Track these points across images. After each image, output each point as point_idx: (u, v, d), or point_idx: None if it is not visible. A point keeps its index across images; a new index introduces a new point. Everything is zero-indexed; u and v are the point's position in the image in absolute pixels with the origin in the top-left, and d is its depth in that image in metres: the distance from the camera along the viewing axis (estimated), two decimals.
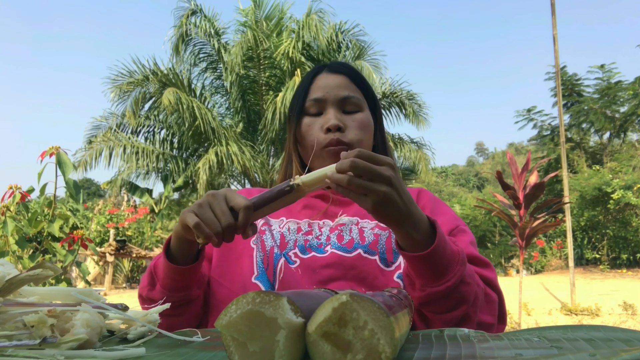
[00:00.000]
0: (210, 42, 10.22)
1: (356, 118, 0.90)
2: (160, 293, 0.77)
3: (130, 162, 10.01)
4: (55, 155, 2.05)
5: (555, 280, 10.76)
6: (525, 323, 5.28)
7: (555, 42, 7.58)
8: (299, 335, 0.36)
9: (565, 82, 17.85)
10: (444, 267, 0.68)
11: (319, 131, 0.90)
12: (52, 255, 2.23)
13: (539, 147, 20.32)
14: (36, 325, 0.44)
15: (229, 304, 0.37)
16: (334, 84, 0.92)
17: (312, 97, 0.92)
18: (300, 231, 0.87)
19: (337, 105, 0.90)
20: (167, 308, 0.67)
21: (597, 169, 14.89)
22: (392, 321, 0.34)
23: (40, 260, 2.00)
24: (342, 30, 10.18)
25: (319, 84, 0.93)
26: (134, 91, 9.88)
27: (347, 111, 0.91)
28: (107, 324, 0.53)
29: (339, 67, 0.95)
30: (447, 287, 0.68)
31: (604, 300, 6.86)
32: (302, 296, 0.40)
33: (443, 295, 0.69)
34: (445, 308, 0.70)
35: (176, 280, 0.76)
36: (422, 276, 0.69)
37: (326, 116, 0.90)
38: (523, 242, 4.52)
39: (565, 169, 7.24)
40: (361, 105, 0.92)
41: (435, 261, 0.67)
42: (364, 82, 0.96)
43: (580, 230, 13.93)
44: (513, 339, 0.47)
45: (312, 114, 0.92)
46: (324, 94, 0.91)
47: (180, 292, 0.77)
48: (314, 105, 0.92)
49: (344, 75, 0.93)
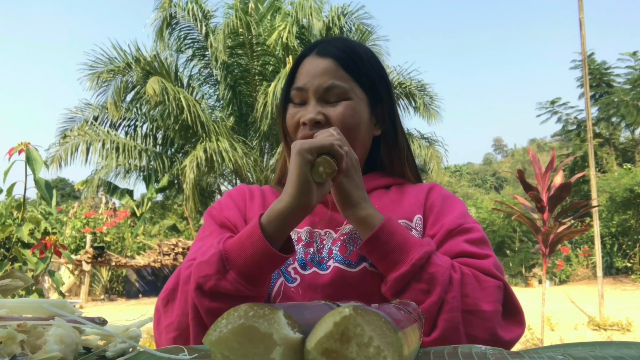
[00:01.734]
0: (197, 27, 10.20)
1: (338, 108, 0.88)
2: (232, 283, 0.71)
3: (110, 158, 9.99)
4: (24, 151, 2.04)
5: (582, 292, 10.76)
6: (549, 339, 5.29)
7: (581, 26, 7.58)
8: (296, 352, 0.35)
9: (593, 71, 17.84)
10: (404, 246, 0.74)
11: (296, 125, 0.90)
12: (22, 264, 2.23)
13: (563, 143, 20.33)
14: (4, 342, 0.44)
15: (219, 317, 0.37)
16: (317, 70, 0.90)
17: (295, 85, 0.92)
18: (300, 242, 0.87)
19: (318, 96, 0.89)
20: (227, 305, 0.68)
21: (628, 168, 14.89)
22: (400, 337, 0.34)
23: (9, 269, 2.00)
24: (345, 13, 10.18)
25: (303, 69, 0.92)
26: (114, 80, 9.86)
27: (328, 101, 0.90)
28: (83, 339, 0.53)
29: (328, 49, 0.92)
30: (412, 264, 0.72)
31: (636, 314, 6.85)
32: (300, 309, 0.40)
33: (410, 277, 0.72)
34: (419, 291, 0.72)
35: (262, 270, 0.72)
36: (387, 265, 0.75)
37: (307, 108, 0.89)
38: (546, 249, 4.52)
39: (593, 167, 7.25)
40: (347, 95, 0.89)
41: (390, 241, 0.73)
42: (356, 64, 0.92)
43: (610, 236, 13.93)
44: (535, 357, 0.47)
45: (296, 103, 0.92)
46: (305, 83, 0.90)
47: (259, 286, 0.74)
48: (297, 95, 0.91)
49: (332, 59, 0.90)
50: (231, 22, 9.44)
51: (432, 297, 0.71)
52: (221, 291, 0.71)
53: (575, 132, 19.16)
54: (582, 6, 7.56)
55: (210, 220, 0.92)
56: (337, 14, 10.07)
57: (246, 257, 0.71)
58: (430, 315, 0.71)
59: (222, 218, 0.91)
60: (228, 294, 0.71)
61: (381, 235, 0.74)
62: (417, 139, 11.09)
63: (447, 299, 0.71)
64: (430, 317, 0.71)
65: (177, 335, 0.77)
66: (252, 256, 0.70)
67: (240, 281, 0.71)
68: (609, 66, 18.21)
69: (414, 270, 0.72)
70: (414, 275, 0.72)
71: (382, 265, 0.76)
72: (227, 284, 0.71)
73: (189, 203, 9.37)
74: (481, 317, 0.73)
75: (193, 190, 9.25)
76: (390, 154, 0.97)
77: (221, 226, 0.90)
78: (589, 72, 9.67)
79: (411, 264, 0.72)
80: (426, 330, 0.72)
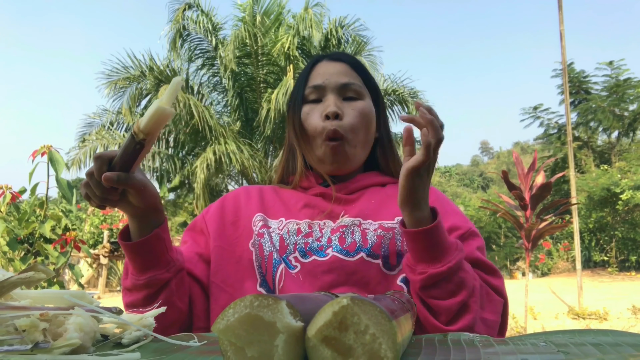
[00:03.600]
0: (207, 38, 10.20)
1: (356, 106, 0.90)
2: (131, 279, 0.79)
3: None
4: (47, 154, 2.04)
5: (562, 283, 10.76)
6: (532, 327, 5.28)
7: (562, 38, 7.58)
8: (298, 339, 0.35)
9: (573, 80, 17.84)
10: (445, 247, 0.73)
11: (317, 118, 0.90)
12: (44, 258, 2.23)
13: (545, 146, 20.30)
14: (28, 330, 0.44)
15: (226, 307, 0.37)
16: (334, 70, 0.92)
17: (311, 84, 0.92)
18: (300, 233, 0.86)
19: (336, 92, 0.90)
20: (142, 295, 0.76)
21: (605, 169, 14.89)
22: (394, 325, 0.34)
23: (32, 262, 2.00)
24: (342, 25, 10.18)
25: (318, 71, 0.93)
26: (129, 87, 9.86)
27: (347, 98, 0.91)
28: (101, 328, 0.53)
29: (339, 56, 0.96)
30: (449, 267, 0.72)
31: (612, 304, 6.85)
32: (301, 300, 0.40)
33: (444, 277, 0.72)
34: (447, 291, 0.73)
35: (136, 260, 0.77)
36: (424, 258, 0.73)
37: (325, 103, 0.90)
38: (529, 244, 4.52)
39: (572, 168, 7.24)
40: (362, 93, 0.92)
41: (436, 240, 0.72)
42: (365, 71, 0.96)
43: (588, 232, 13.93)
44: (519, 344, 0.47)
45: (311, 100, 0.92)
46: (324, 81, 0.91)
47: (146, 273, 0.77)
48: (313, 92, 0.92)
49: (344, 63, 0.94)
50: (240, 34, 9.45)
51: (457, 298, 0.73)
52: (127, 286, 0.80)
53: (556, 136, 19.14)
54: (562, 19, 7.56)
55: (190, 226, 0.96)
56: (335, 26, 10.06)
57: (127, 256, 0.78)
58: (451, 312, 0.73)
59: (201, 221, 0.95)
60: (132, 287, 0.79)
61: (433, 232, 0.72)
62: None
63: (469, 303, 0.74)
64: (450, 314, 0.73)
65: None
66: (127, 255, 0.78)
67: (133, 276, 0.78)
68: (587, 75, 18.20)
69: (448, 272, 0.72)
70: (447, 277, 0.72)
71: (419, 255, 0.74)
72: (129, 281, 0.79)
73: (200, 201, 9.37)
74: (487, 325, 0.76)
75: (203, 189, 9.25)
76: (386, 156, 0.99)
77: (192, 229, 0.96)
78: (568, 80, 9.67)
79: (448, 267, 0.72)
80: (443, 320, 0.74)
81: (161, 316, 0.61)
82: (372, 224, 0.86)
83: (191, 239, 0.94)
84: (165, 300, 0.78)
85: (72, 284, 8.73)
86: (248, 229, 0.90)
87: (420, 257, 0.74)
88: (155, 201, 0.75)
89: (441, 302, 0.73)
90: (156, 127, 0.63)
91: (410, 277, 0.76)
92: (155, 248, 0.77)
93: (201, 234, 0.93)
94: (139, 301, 0.78)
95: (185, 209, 13.82)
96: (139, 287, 0.78)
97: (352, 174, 0.96)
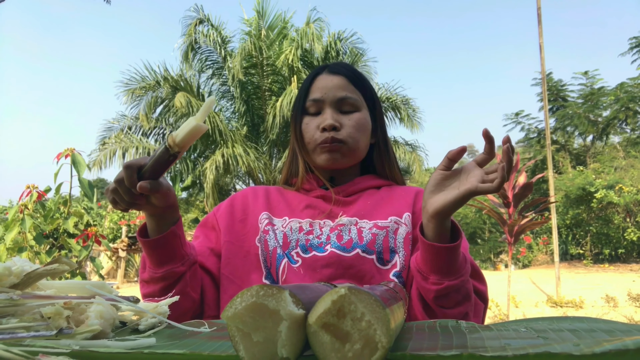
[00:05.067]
0: (217, 50, 10.20)
1: (352, 118, 0.90)
2: (148, 272, 0.78)
3: None
4: (70, 156, 2.04)
5: (542, 275, 10.76)
6: (513, 314, 5.28)
7: (541, 49, 7.57)
8: (300, 326, 0.35)
9: (551, 88, 17.85)
10: (461, 261, 0.72)
11: (315, 130, 0.90)
12: (68, 251, 2.23)
13: (526, 149, 20.30)
14: (53, 317, 0.44)
15: (234, 296, 0.37)
16: (332, 84, 0.91)
17: (311, 98, 0.92)
18: (302, 230, 0.86)
19: (334, 106, 0.90)
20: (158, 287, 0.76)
21: (581, 170, 14.90)
22: (388, 313, 0.34)
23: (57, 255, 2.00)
24: (340, 39, 10.18)
25: (318, 84, 0.93)
26: (145, 95, 9.86)
27: (344, 111, 0.91)
28: (120, 315, 0.53)
29: (338, 68, 0.94)
30: (462, 280, 0.71)
31: (587, 293, 6.86)
32: (303, 289, 0.40)
33: (456, 288, 0.71)
34: (455, 301, 0.72)
35: (154, 255, 0.77)
36: (441, 270, 0.71)
37: (323, 116, 0.90)
38: (512, 238, 4.52)
39: (551, 169, 7.24)
40: (358, 106, 0.91)
41: (457, 255, 0.70)
42: (363, 83, 0.94)
43: (565, 228, 13.94)
44: (502, 330, 0.47)
45: (311, 113, 0.92)
46: (322, 95, 0.90)
47: (163, 266, 0.77)
48: (313, 105, 0.91)
49: (343, 76, 0.92)
50: (246, 46, 9.45)
51: (461, 309, 0.73)
52: (144, 278, 0.80)
53: (536, 139, 19.15)
54: (541, 32, 7.56)
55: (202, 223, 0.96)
56: (335, 39, 10.06)
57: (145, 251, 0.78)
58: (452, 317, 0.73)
59: (212, 218, 0.95)
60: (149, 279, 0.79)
61: (458, 248, 0.70)
62: (402, 146, 11.08)
63: (469, 311, 0.74)
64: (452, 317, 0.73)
65: None
66: (145, 250, 0.78)
67: (150, 269, 0.78)
68: (565, 83, 18.24)
69: (460, 285, 0.72)
70: (458, 289, 0.72)
71: (437, 267, 0.71)
72: (146, 274, 0.79)
73: (209, 200, 9.38)
74: None
75: (212, 189, 9.25)
76: (382, 160, 0.98)
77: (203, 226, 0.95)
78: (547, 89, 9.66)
79: (461, 280, 0.72)
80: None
81: (175, 305, 0.61)
82: (367, 223, 0.86)
83: (203, 235, 0.93)
84: (179, 290, 0.78)
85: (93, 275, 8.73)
86: (255, 226, 0.90)
87: (438, 269, 0.71)
88: (174, 201, 0.76)
89: (447, 310, 0.73)
90: (190, 142, 0.64)
91: (421, 284, 0.74)
92: (171, 244, 0.77)
93: (212, 230, 0.93)
94: (156, 292, 0.78)
95: (197, 207, 13.82)
96: (156, 280, 0.78)
97: (350, 178, 0.96)
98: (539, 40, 7.59)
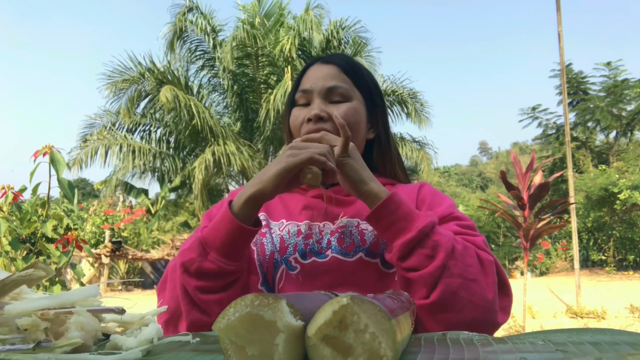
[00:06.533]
0: (206, 40, 10.21)
1: (341, 107, 0.90)
2: (214, 262, 0.73)
3: (126, 161, 10.00)
4: (48, 154, 2.04)
5: (561, 283, 10.76)
6: (530, 326, 5.28)
7: (560, 39, 7.58)
8: (298, 338, 0.35)
9: (571, 80, 17.85)
10: (411, 215, 0.73)
11: (301, 122, 0.91)
12: (47, 257, 2.23)
13: (543, 146, 20.32)
14: (29, 329, 0.44)
15: (227, 306, 0.37)
16: (321, 74, 0.92)
17: (301, 88, 0.93)
18: (300, 234, 0.87)
19: (322, 96, 0.91)
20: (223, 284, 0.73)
21: (603, 169, 14.90)
22: (394, 324, 0.34)
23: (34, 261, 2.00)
24: (342, 27, 10.18)
25: (308, 75, 0.94)
26: (129, 89, 9.86)
27: (334, 101, 0.91)
28: (103, 327, 0.53)
29: (331, 58, 0.96)
30: (419, 230, 0.71)
31: (610, 303, 6.86)
32: (301, 299, 0.40)
33: (417, 242, 0.71)
34: (424, 257, 0.70)
35: (237, 246, 0.73)
36: (395, 233, 0.73)
37: (311, 106, 0.91)
38: (527, 243, 4.52)
39: (570, 168, 7.25)
40: (349, 95, 0.91)
41: (398, 210, 0.73)
42: (357, 72, 0.95)
43: (586, 232, 13.94)
44: (517, 343, 0.47)
45: (300, 104, 0.93)
46: (311, 85, 0.92)
47: (237, 261, 0.74)
48: (302, 97, 0.93)
49: (334, 65, 0.94)
50: (238, 35, 9.45)
51: (436, 262, 0.70)
52: (205, 270, 0.73)
53: (554, 136, 19.16)
54: (560, 20, 7.56)
55: (205, 219, 0.93)
56: (336, 27, 10.07)
57: (222, 237, 0.73)
58: (432, 279, 0.70)
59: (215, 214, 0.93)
60: (212, 271, 0.73)
61: (389, 204, 0.73)
62: (409, 143, 11.09)
63: (449, 265, 0.70)
64: (432, 281, 0.70)
65: (168, 319, 0.78)
66: (226, 234, 0.72)
67: (220, 259, 0.73)
68: (585, 75, 18.23)
69: (419, 237, 0.71)
70: (419, 242, 0.71)
71: (388, 232, 0.74)
72: (210, 264, 0.73)
73: (198, 201, 9.38)
74: (482, 286, 0.72)
75: (201, 190, 9.26)
76: (383, 157, 0.98)
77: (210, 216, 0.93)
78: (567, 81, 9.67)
79: (417, 231, 0.71)
80: (424, 294, 0.71)
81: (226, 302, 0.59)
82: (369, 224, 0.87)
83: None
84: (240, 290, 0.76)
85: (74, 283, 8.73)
86: None
87: (392, 234, 0.73)
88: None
89: (422, 272, 0.70)
90: None
91: (388, 258, 0.76)
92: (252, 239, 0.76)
93: None
94: (216, 288, 0.74)
95: (187, 209, 13.82)
96: (223, 274, 0.73)
97: None
98: (557, 28, 7.60)
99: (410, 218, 0.73)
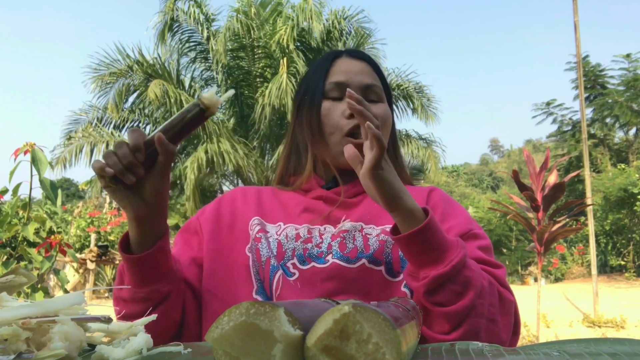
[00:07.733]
0: (199, 30, 10.21)
1: (380, 108, 0.92)
2: (128, 291, 0.78)
3: None
4: (30, 152, 2.04)
5: (577, 290, 10.77)
6: (544, 336, 5.29)
7: (576, 29, 7.58)
8: (297, 349, 0.35)
9: (588, 73, 17.85)
10: (444, 245, 0.71)
11: (340, 117, 0.90)
12: (28, 262, 2.23)
13: (558, 144, 20.34)
14: (10, 339, 0.44)
15: (221, 315, 0.37)
16: (357, 69, 0.94)
17: (333, 80, 0.93)
18: (299, 238, 0.86)
19: (359, 92, 0.91)
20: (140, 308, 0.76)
21: (622, 168, 14.89)
22: (399, 334, 0.34)
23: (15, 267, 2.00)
24: (344, 17, 10.18)
25: (340, 67, 0.94)
26: (117, 82, 9.86)
27: (369, 100, 0.92)
28: (88, 337, 0.53)
29: (359, 54, 0.98)
30: (452, 266, 0.70)
31: (629, 311, 6.86)
32: (300, 307, 0.40)
33: (448, 277, 0.70)
34: (453, 293, 0.71)
35: (137, 274, 0.76)
36: (425, 261, 0.72)
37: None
38: (541, 247, 4.52)
39: (587, 167, 7.25)
40: (382, 96, 0.94)
41: (433, 238, 0.70)
42: (381, 73, 0.98)
43: (604, 235, 13.94)
44: (531, 354, 0.47)
45: (332, 97, 0.92)
46: (347, 78, 0.92)
47: (147, 286, 0.77)
48: (335, 89, 0.92)
49: (366, 62, 0.96)
50: (231, 25, 9.45)
51: (464, 301, 0.70)
52: (122, 296, 0.79)
53: (570, 133, 19.17)
54: (576, 9, 7.57)
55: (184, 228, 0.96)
56: (338, 17, 10.06)
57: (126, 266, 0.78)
58: (458, 318, 0.70)
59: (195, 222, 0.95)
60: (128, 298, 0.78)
61: (426, 230, 0.70)
62: (415, 140, 11.08)
63: (476, 304, 0.71)
64: (457, 320, 0.71)
65: None
66: (126, 265, 0.77)
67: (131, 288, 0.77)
68: (603, 68, 18.24)
69: (452, 272, 0.70)
70: (452, 277, 0.70)
71: (417, 259, 0.72)
72: (125, 291, 0.79)
73: (190, 203, 9.38)
74: (500, 327, 0.74)
75: (194, 190, 9.26)
76: (393, 161, 0.99)
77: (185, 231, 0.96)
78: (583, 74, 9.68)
79: (451, 266, 0.70)
80: (446, 329, 0.71)
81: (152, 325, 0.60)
82: (374, 229, 0.86)
83: (183, 241, 0.94)
84: (163, 311, 0.77)
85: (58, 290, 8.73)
86: (245, 232, 0.90)
87: (421, 262, 0.72)
88: (165, 199, 0.76)
89: (448, 308, 0.71)
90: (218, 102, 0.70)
91: (413, 286, 0.75)
92: (157, 260, 0.77)
93: (195, 234, 0.93)
94: (137, 314, 0.77)
95: (178, 211, 13.82)
96: (138, 300, 0.77)
97: (354, 176, 0.96)
98: (573, 18, 7.60)
99: (444, 248, 0.71)
